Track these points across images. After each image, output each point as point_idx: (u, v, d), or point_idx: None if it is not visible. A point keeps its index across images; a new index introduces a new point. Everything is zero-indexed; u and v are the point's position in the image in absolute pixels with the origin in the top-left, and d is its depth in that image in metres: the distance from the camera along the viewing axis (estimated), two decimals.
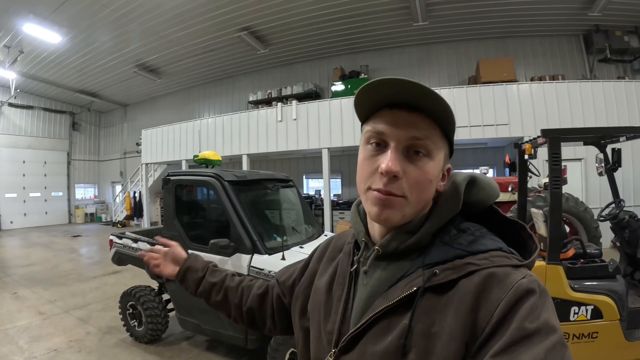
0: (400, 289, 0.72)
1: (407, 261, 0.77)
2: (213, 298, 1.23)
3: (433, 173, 0.73)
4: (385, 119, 0.73)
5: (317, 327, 0.90)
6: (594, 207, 6.06)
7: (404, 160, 0.71)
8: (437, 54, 13.34)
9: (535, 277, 0.66)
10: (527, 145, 3.69)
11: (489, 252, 0.70)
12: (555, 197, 3.13)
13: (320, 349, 0.86)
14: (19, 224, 18.41)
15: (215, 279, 1.23)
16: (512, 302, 0.61)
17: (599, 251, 3.42)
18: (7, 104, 18.01)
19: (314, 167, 14.71)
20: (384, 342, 0.70)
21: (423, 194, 0.73)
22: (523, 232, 0.80)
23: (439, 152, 0.74)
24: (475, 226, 0.78)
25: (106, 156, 23.06)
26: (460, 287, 0.67)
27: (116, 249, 5.09)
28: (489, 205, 0.83)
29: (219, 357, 4.29)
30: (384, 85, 0.69)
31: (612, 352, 2.99)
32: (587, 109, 9.45)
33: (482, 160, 12.20)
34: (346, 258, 0.92)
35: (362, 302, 0.80)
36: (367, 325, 0.74)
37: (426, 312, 0.68)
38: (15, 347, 4.49)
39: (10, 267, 9.09)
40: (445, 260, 0.71)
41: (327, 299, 0.90)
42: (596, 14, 10.55)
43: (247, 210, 3.81)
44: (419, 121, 0.71)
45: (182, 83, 18.08)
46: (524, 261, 0.71)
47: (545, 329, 0.57)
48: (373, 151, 0.75)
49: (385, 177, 0.70)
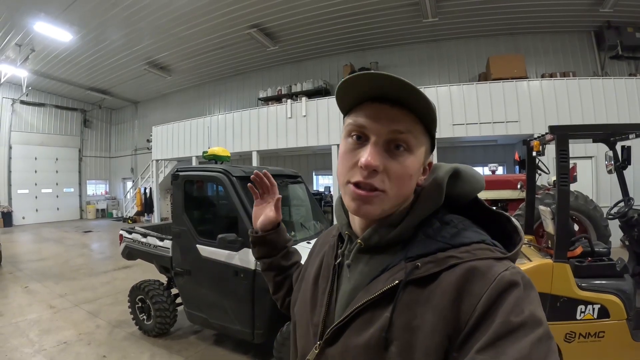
0: (382, 282, 0.72)
1: (390, 254, 0.76)
2: (273, 275, 1.22)
3: (413, 168, 0.73)
4: (366, 112, 0.72)
5: (305, 320, 0.90)
6: (604, 205, 5.98)
7: (384, 155, 0.71)
8: (447, 50, 13.23)
9: (518, 269, 0.66)
10: (535, 142, 3.67)
11: (471, 245, 0.69)
12: (562, 195, 3.11)
13: (307, 342, 0.86)
14: (30, 220, 18.66)
15: (286, 263, 1.22)
16: (494, 295, 0.60)
17: (607, 249, 3.39)
18: (20, 101, 18.25)
19: (323, 164, 14.74)
20: (365, 334, 0.70)
21: (403, 188, 0.73)
22: (508, 224, 0.79)
23: (420, 146, 0.74)
24: (458, 218, 0.77)
25: (117, 153, 23.30)
26: (442, 281, 0.66)
27: (126, 244, 5.14)
28: (473, 197, 0.82)
29: (227, 351, 4.32)
30: (365, 79, 0.68)
31: (619, 352, 2.96)
32: (598, 106, 9.34)
33: (492, 158, 12.15)
34: (331, 251, 0.92)
35: (345, 295, 0.80)
36: (350, 318, 0.74)
37: (408, 306, 0.67)
38: (26, 340, 4.55)
39: (22, 262, 9.20)
40: (428, 253, 0.70)
41: (314, 291, 0.90)
42: (607, 10, 10.42)
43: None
44: (400, 115, 0.70)
45: (192, 80, 18.15)
46: (507, 253, 0.70)
47: (531, 322, 0.56)
48: (354, 144, 0.74)
49: (364, 170, 0.70)
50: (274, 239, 1.21)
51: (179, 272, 4.21)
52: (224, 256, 3.75)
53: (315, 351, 0.80)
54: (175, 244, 4.31)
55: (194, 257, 4.02)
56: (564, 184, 3.11)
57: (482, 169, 11.74)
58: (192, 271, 4.09)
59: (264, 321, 3.57)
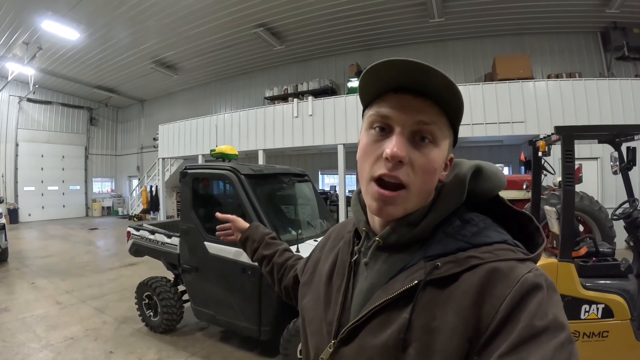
0: (401, 282, 0.70)
1: (409, 253, 0.74)
2: (263, 268, 1.38)
3: (438, 161, 0.71)
4: (390, 103, 0.70)
5: (318, 317, 0.88)
6: (610, 206, 5.98)
7: (409, 146, 0.69)
8: (453, 50, 13.24)
9: (541, 271, 0.64)
10: (541, 142, 3.69)
11: (493, 245, 0.67)
12: (567, 195, 3.13)
13: (320, 339, 0.84)
14: (36, 217, 18.74)
15: (267, 252, 1.36)
16: (518, 297, 0.59)
17: (612, 250, 3.42)
18: (26, 99, 18.33)
19: (329, 163, 14.76)
20: (383, 335, 0.69)
21: (426, 183, 0.71)
22: (530, 224, 0.77)
23: (444, 139, 0.72)
24: (479, 217, 0.75)
25: (123, 151, 23.43)
26: (462, 281, 0.65)
27: (134, 240, 5.19)
28: (494, 195, 0.80)
29: (233, 348, 4.36)
30: (391, 66, 0.67)
31: (623, 351, 2.98)
32: (604, 107, 9.31)
33: (497, 158, 12.13)
34: (346, 247, 0.90)
35: (362, 294, 0.78)
36: (367, 318, 0.72)
37: (427, 307, 0.66)
38: (33, 335, 4.59)
39: (29, 258, 9.25)
40: (448, 253, 0.68)
41: (327, 288, 0.88)
42: (614, 10, 10.36)
43: (263, 203, 3.87)
44: (426, 106, 0.69)
45: (198, 79, 18.22)
46: (530, 254, 0.68)
47: (554, 326, 0.55)
48: (377, 136, 0.72)
49: (390, 162, 0.68)
50: (251, 234, 1.44)
51: (187, 268, 4.26)
52: (232, 253, 3.79)
53: (330, 350, 0.78)
54: (183, 241, 4.35)
55: (202, 254, 4.06)
56: (569, 184, 3.13)
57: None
58: (199, 268, 4.14)
59: (270, 318, 3.61)
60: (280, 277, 1.30)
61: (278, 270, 1.31)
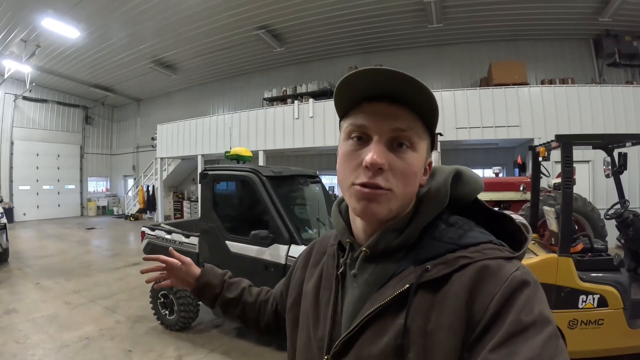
0: (392, 288, 0.70)
1: (396, 260, 0.75)
2: (231, 312, 1.23)
3: (417, 165, 0.72)
4: (365, 112, 0.71)
5: (305, 335, 0.86)
6: (601, 207, 6.28)
7: (388, 153, 0.69)
8: (450, 55, 13.40)
9: (527, 269, 0.66)
10: (541, 148, 3.98)
11: (480, 245, 0.69)
12: (567, 196, 3.44)
13: (310, 357, 0.83)
14: (31, 216, 18.53)
15: (232, 295, 1.21)
16: (507, 294, 0.60)
17: (605, 246, 3.73)
18: (22, 97, 18.12)
19: (328, 164, 14.83)
20: (380, 343, 0.68)
21: (408, 186, 0.72)
22: (510, 224, 0.79)
23: (422, 144, 0.73)
24: (463, 220, 0.77)
25: (118, 150, 23.25)
26: (454, 282, 0.65)
27: (148, 240, 5.27)
28: (473, 198, 0.82)
29: (251, 344, 4.44)
30: (364, 76, 0.67)
31: (617, 338, 3.30)
32: (596, 112, 9.68)
33: (492, 160, 12.30)
34: (331, 260, 0.89)
35: (352, 305, 0.77)
36: (361, 327, 0.72)
37: (421, 310, 0.66)
38: (46, 336, 4.56)
39: (29, 258, 9.13)
40: (437, 255, 0.69)
41: (315, 304, 0.86)
42: (607, 19, 10.67)
43: (283, 204, 4.05)
44: (401, 113, 0.69)
45: (197, 79, 18.13)
46: (516, 253, 0.70)
47: (540, 320, 0.57)
48: (355, 145, 0.72)
49: (370, 170, 0.68)
50: (208, 280, 1.21)
51: None
52: (254, 251, 3.95)
53: None
54: (203, 241, 4.48)
55: (223, 252, 4.20)
56: (568, 187, 3.43)
57: (482, 172, 12.04)
58: (220, 266, 4.28)
59: None
60: (256, 317, 1.21)
61: (251, 311, 1.21)
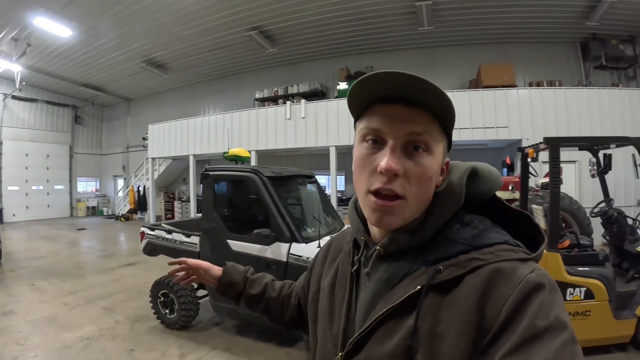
0: (404, 288, 0.70)
1: (410, 259, 0.74)
2: (255, 307, 1.24)
3: (433, 169, 0.71)
4: (380, 115, 0.70)
5: (322, 331, 0.88)
6: (587, 206, 6.48)
7: (403, 157, 0.68)
8: (441, 57, 13.59)
9: (544, 270, 0.64)
10: (530, 149, 4.16)
11: (494, 246, 0.67)
12: (554, 195, 3.64)
13: (326, 353, 0.84)
14: (21, 217, 18.28)
15: (255, 291, 1.23)
16: (520, 298, 0.58)
17: (591, 242, 3.96)
18: (11, 96, 17.90)
19: (319, 164, 14.86)
20: (390, 343, 0.68)
21: (423, 192, 0.71)
22: (529, 223, 0.77)
23: (438, 146, 0.72)
24: (478, 219, 0.75)
25: (108, 150, 23.02)
26: (465, 284, 0.64)
27: (148, 240, 5.29)
28: (491, 195, 0.80)
29: (251, 340, 4.51)
30: (379, 79, 0.67)
31: (603, 328, 3.52)
32: (583, 114, 9.93)
33: (481, 160, 12.33)
34: (346, 258, 0.90)
35: (365, 304, 0.77)
36: (372, 327, 0.72)
37: (431, 311, 0.65)
38: (47, 337, 4.54)
39: (21, 260, 9.05)
40: (449, 256, 0.68)
41: (330, 301, 0.88)
42: (594, 23, 10.90)
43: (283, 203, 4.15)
44: (416, 115, 0.68)
45: (188, 79, 18.06)
46: (531, 254, 0.68)
47: (556, 325, 0.56)
48: (370, 149, 0.71)
49: (384, 176, 0.68)
50: (232, 278, 1.25)
51: None
52: (256, 250, 4.05)
53: None
54: (205, 240, 4.54)
55: (225, 251, 4.27)
56: (556, 186, 3.62)
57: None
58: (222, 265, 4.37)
59: None
60: (279, 312, 1.22)
61: (275, 305, 1.22)
